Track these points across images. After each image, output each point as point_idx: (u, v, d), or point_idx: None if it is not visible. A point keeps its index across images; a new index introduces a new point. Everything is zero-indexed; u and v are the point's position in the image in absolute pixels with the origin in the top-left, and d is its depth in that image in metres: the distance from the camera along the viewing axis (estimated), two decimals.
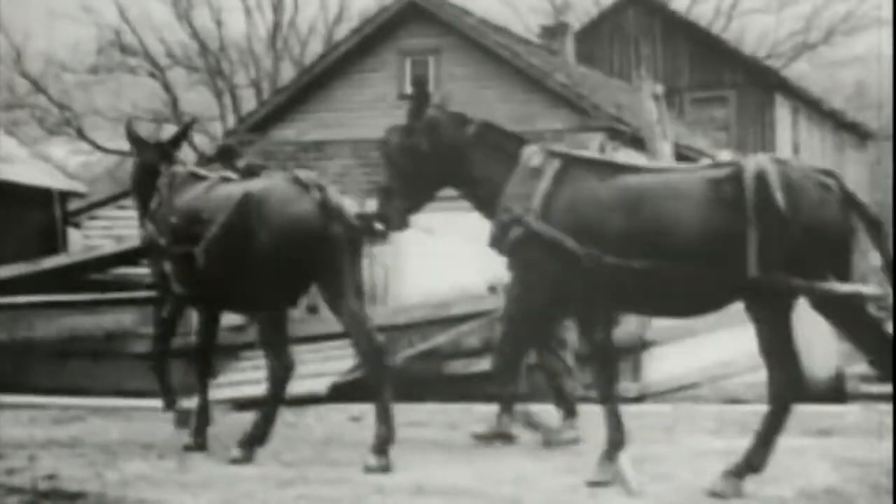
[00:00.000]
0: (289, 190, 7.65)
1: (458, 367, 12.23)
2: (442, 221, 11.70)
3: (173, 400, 9.01)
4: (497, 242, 7.00)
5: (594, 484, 6.68)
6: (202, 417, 8.43)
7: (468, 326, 11.95)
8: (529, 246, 6.83)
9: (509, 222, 6.87)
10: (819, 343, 13.10)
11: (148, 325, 12.33)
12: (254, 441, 7.75)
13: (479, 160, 7.31)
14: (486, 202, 7.23)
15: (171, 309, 8.97)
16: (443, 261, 13.19)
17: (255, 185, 7.85)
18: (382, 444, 7.27)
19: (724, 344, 12.51)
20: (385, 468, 7.17)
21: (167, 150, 8.87)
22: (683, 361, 12.33)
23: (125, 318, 11.60)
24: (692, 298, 6.69)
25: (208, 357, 8.65)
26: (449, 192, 7.63)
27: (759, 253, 6.41)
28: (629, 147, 21.31)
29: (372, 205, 14.96)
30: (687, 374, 12.34)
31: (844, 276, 6.55)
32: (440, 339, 12.02)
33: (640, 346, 12.20)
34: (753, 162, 6.60)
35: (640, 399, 11.83)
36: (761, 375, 6.54)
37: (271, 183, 7.81)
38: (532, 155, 7.05)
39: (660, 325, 12.24)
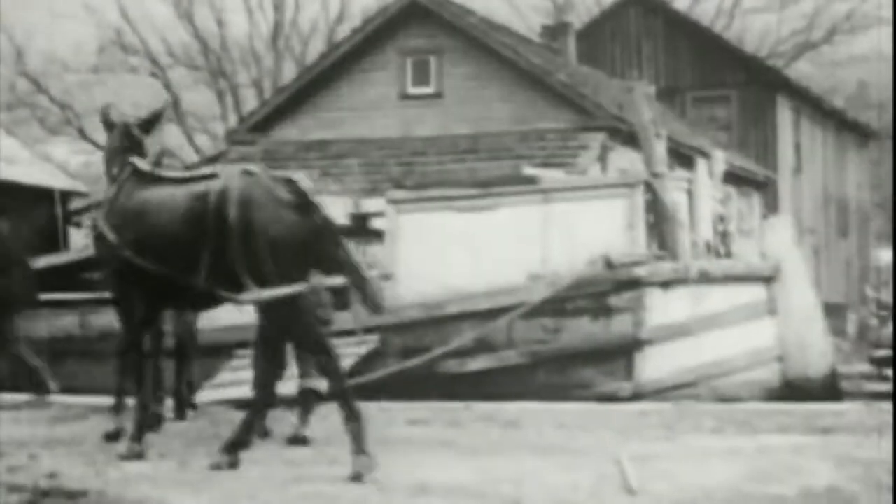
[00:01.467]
0: None
1: (451, 365, 12.21)
2: (437, 222, 11.60)
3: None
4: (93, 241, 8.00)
5: (123, 458, 7.58)
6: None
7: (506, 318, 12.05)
8: (103, 245, 7.79)
9: (93, 223, 7.91)
10: (813, 343, 13.09)
11: None
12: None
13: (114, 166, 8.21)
14: None
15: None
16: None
17: None
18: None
19: (718, 343, 12.47)
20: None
21: None
22: (678, 361, 12.26)
23: None
24: (199, 298, 7.60)
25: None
26: (449, 191, 7.60)
27: (211, 264, 7.17)
28: (628, 146, 21.27)
29: (372, 204, 14.99)
30: (682, 373, 12.28)
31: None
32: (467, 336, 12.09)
33: (634, 345, 12.16)
34: (223, 178, 7.28)
35: (634, 398, 11.79)
36: (756, 374, 6.54)
37: None
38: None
39: (655, 324, 12.20)
